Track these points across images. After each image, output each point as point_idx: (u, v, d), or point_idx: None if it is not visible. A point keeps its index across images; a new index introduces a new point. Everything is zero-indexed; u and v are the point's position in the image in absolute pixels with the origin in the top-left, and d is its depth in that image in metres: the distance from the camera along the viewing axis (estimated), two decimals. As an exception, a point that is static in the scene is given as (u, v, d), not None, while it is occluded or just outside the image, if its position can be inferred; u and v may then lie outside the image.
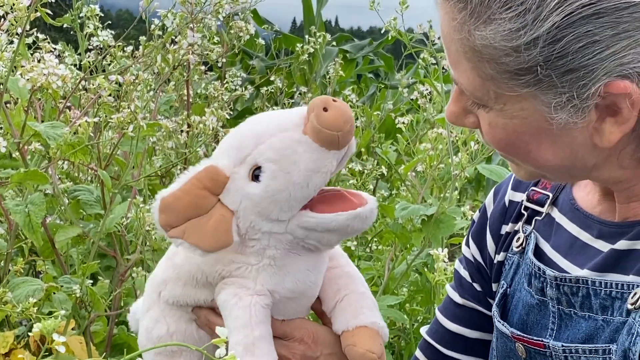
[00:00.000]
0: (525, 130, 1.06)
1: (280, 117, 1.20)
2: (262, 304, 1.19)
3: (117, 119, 1.93)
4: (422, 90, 3.22)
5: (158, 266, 1.34)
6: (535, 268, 1.22)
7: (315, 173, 1.15)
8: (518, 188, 1.33)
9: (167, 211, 1.16)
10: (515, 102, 1.04)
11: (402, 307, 2.76)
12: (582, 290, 1.15)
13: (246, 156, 1.17)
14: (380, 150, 2.97)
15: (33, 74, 1.87)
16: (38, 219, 1.96)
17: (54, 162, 1.94)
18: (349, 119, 1.16)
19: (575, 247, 1.20)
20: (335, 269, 1.31)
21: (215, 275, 1.21)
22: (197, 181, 1.17)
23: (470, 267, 1.40)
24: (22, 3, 1.81)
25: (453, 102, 1.13)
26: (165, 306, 1.29)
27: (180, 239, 1.16)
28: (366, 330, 1.25)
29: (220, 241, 1.17)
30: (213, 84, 3.48)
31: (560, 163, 1.09)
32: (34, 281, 1.98)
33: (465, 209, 2.86)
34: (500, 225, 1.34)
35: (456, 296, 1.42)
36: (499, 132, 1.08)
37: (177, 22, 2.45)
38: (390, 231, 2.60)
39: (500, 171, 2.53)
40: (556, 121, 1.03)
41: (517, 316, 1.26)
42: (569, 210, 1.24)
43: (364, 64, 7.12)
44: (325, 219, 1.17)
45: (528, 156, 1.09)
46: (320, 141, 1.14)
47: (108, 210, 2.13)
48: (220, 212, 1.17)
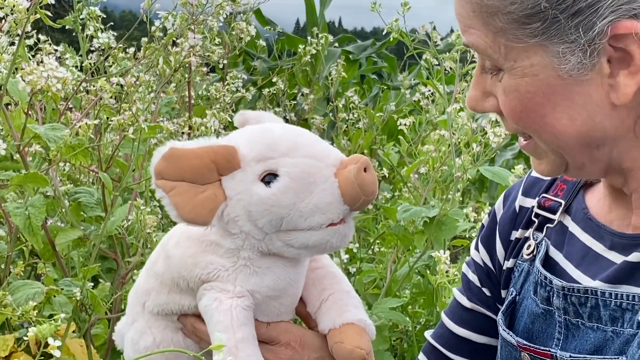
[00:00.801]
0: (538, 89, 1.05)
1: (320, 146, 1.19)
2: (242, 306, 1.18)
3: (117, 121, 1.92)
4: (425, 92, 3.21)
5: (139, 278, 1.33)
6: (542, 277, 1.20)
7: (320, 214, 1.15)
8: (529, 194, 1.31)
9: (169, 161, 1.15)
10: (525, 57, 1.03)
11: (405, 309, 2.76)
12: (590, 300, 1.13)
13: (270, 158, 1.16)
14: (382, 152, 2.95)
15: (33, 77, 1.86)
16: (38, 221, 1.95)
17: (54, 165, 1.93)
18: (377, 191, 1.18)
19: (588, 258, 1.18)
20: (318, 269, 1.30)
21: (196, 280, 1.20)
22: (212, 152, 1.16)
23: (479, 271, 1.38)
24: (21, 5, 1.80)
25: (473, 87, 1.13)
26: (150, 317, 1.29)
27: (164, 193, 1.14)
28: (353, 327, 1.24)
29: (200, 216, 1.15)
30: (215, 86, 3.47)
31: (578, 131, 1.06)
32: (34, 284, 1.97)
33: (468, 211, 2.85)
34: (510, 230, 1.32)
35: (464, 300, 1.40)
36: (513, 97, 1.07)
37: (178, 23, 2.44)
38: (392, 233, 2.59)
39: (503, 173, 2.52)
40: (567, 72, 1.02)
41: (522, 325, 1.24)
42: (582, 220, 1.22)
43: (367, 65, 7.12)
44: (305, 235, 1.16)
45: (544, 123, 1.06)
46: (345, 192, 1.14)
47: (109, 212, 2.13)
48: (215, 192, 1.16)
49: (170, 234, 1.29)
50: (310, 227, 1.15)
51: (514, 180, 2.43)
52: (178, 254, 1.23)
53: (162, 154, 1.15)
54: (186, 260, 1.21)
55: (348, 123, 3.61)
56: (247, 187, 1.16)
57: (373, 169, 1.17)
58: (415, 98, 3.27)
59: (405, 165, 2.96)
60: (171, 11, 2.54)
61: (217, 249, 1.20)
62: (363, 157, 1.17)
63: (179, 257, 1.22)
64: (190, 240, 1.23)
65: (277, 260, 1.21)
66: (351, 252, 3.02)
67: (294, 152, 1.16)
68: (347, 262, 3.00)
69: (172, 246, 1.25)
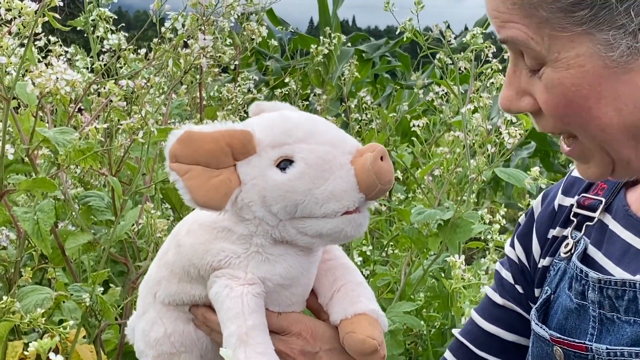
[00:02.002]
0: (583, 81, 1.02)
1: (336, 134, 1.18)
2: (254, 293, 1.16)
3: (127, 124, 1.89)
4: (438, 92, 3.17)
5: (150, 269, 1.31)
6: (578, 270, 1.18)
7: (336, 201, 1.13)
8: (568, 193, 1.30)
9: (185, 144, 1.13)
10: (570, 47, 1.01)
11: (419, 313, 2.72)
12: (628, 293, 1.11)
13: (286, 144, 1.15)
14: (396, 154, 2.92)
15: (41, 80, 1.84)
16: (47, 226, 1.93)
17: (63, 169, 1.91)
18: (393, 180, 1.17)
19: (629, 255, 1.16)
20: (330, 260, 1.28)
21: (207, 268, 1.18)
22: (228, 136, 1.15)
23: (513, 268, 1.36)
24: (29, 7, 1.78)
25: (507, 87, 1.10)
26: (162, 307, 1.27)
27: (178, 176, 1.13)
28: (365, 318, 1.22)
29: (214, 200, 1.14)
30: (227, 86, 3.45)
31: (624, 122, 1.03)
32: (43, 290, 1.96)
33: (483, 212, 2.81)
34: (547, 229, 1.30)
35: (496, 296, 1.38)
36: (557, 92, 1.04)
37: (188, 23, 2.41)
38: (406, 236, 2.55)
39: (519, 175, 2.49)
40: (615, 60, 1.00)
41: (555, 321, 1.22)
42: (623, 217, 1.20)
43: (381, 64, 7.09)
44: (319, 222, 1.14)
45: (590, 116, 1.04)
46: (362, 180, 1.13)
47: (118, 217, 2.10)
48: (229, 176, 1.15)
49: (181, 222, 1.28)
50: (325, 215, 1.14)
51: (530, 183, 2.40)
52: (189, 242, 1.21)
53: (177, 136, 1.14)
54: (197, 247, 1.19)
55: (361, 123, 3.57)
56: (262, 172, 1.14)
57: (389, 158, 1.16)
58: (428, 98, 3.23)
59: (419, 166, 2.93)
60: (181, 12, 2.52)
61: (229, 235, 1.18)
62: (380, 146, 1.15)
63: (190, 245, 1.21)
64: (202, 227, 1.21)
65: (290, 248, 1.19)
66: (364, 255, 2.98)
67: (310, 139, 1.15)
68: (360, 265, 2.97)
69: (183, 234, 1.24)
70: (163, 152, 1.25)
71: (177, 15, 2.29)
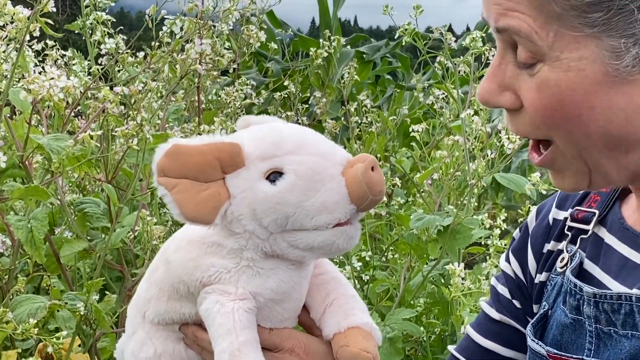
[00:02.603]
0: (580, 86, 0.99)
1: (326, 145, 1.17)
2: (245, 309, 1.14)
3: (121, 131, 1.87)
4: (438, 95, 3.15)
5: (139, 288, 1.28)
6: (572, 285, 1.16)
7: (327, 213, 1.11)
8: (562, 206, 1.27)
9: (172, 158, 1.11)
10: (574, 49, 0.98)
11: (419, 319, 2.70)
12: (624, 307, 1.08)
13: (275, 156, 1.13)
14: (395, 159, 2.90)
15: (34, 86, 1.82)
16: (40, 235, 1.91)
17: (56, 177, 1.89)
18: (384, 191, 1.15)
19: (627, 269, 1.13)
20: (322, 275, 1.26)
21: (197, 284, 1.16)
22: (216, 149, 1.13)
23: (510, 283, 1.34)
24: (21, 14, 1.76)
25: (488, 79, 1.06)
26: (151, 327, 1.24)
27: (166, 191, 1.11)
28: (359, 331, 1.20)
29: (203, 214, 1.12)
30: (225, 90, 3.42)
31: (612, 133, 1.00)
32: (37, 299, 1.93)
33: (484, 217, 2.78)
34: (542, 243, 1.28)
35: (493, 312, 1.36)
36: (549, 92, 1.00)
37: (186, 26, 2.39)
38: (405, 242, 2.53)
39: (519, 180, 2.46)
40: (617, 70, 0.97)
41: (550, 337, 1.20)
42: (619, 230, 1.17)
43: (382, 65, 7.06)
44: (310, 235, 1.13)
45: (578, 123, 1.00)
46: (353, 191, 1.11)
47: (114, 224, 2.08)
48: (218, 189, 1.13)
49: (170, 239, 1.26)
50: (316, 227, 1.12)
51: (530, 189, 2.38)
52: (178, 258, 1.19)
53: (164, 150, 1.12)
54: (187, 264, 1.17)
55: (361, 127, 3.55)
56: (251, 185, 1.12)
57: (380, 169, 1.14)
58: (429, 101, 3.21)
59: (418, 170, 2.90)
60: (179, 15, 2.50)
61: (219, 250, 1.16)
62: (370, 156, 1.13)
63: (179, 261, 1.19)
64: (191, 243, 1.19)
65: (281, 262, 1.17)
66: (364, 260, 2.96)
67: (300, 150, 1.13)
68: (360, 270, 2.94)
69: (172, 251, 1.21)
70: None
71: (174, 20, 2.26)
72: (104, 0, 2.85)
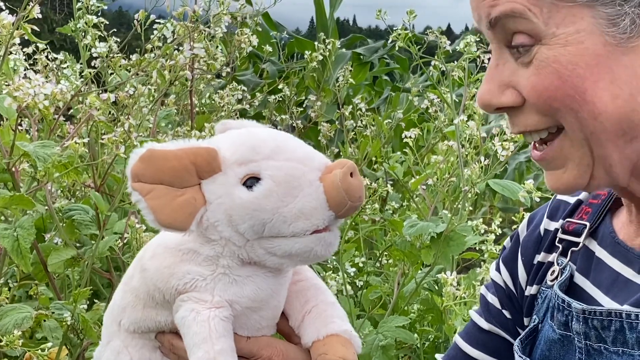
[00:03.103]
0: (581, 59, 0.98)
1: (304, 150, 1.15)
2: (221, 317, 1.12)
3: (108, 139, 1.84)
4: (433, 99, 3.12)
5: (114, 296, 1.26)
6: (559, 300, 1.14)
7: (305, 220, 1.09)
8: (554, 217, 1.26)
9: (147, 163, 1.09)
10: (570, 22, 0.97)
11: (412, 326, 2.67)
12: (615, 324, 1.07)
13: (252, 161, 1.11)
14: (388, 166, 2.87)
15: (19, 94, 1.79)
16: (27, 243, 1.88)
17: (42, 185, 1.86)
18: (363, 197, 1.13)
19: (618, 284, 1.12)
20: (301, 281, 1.24)
21: (172, 292, 1.14)
22: (192, 154, 1.11)
23: (500, 293, 1.32)
24: (5, 20, 1.73)
25: (487, 81, 1.05)
26: (127, 335, 1.22)
27: (141, 196, 1.08)
28: (338, 339, 1.18)
29: (179, 221, 1.10)
30: (219, 93, 3.39)
31: (618, 111, 0.99)
32: (23, 308, 1.91)
33: (478, 222, 2.76)
34: (533, 254, 1.26)
35: (482, 321, 1.34)
36: (550, 72, 0.99)
37: (178, 30, 2.37)
38: (398, 250, 2.50)
39: (513, 187, 2.44)
40: (615, 37, 0.97)
41: (538, 352, 1.18)
42: (610, 244, 1.16)
43: (379, 66, 7.04)
44: (288, 242, 1.10)
45: (583, 100, 0.99)
46: (331, 197, 1.09)
47: (102, 231, 2.05)
48: (194, 195, 1.11)
49: (146, 246, 1.24)
50: (294, 234, 1.10)
51: (524, 196, 2.35)
52: (154, 265, 1.17)
53: (139, 155, 1.09)
54: (162, 271, 1.15)
55: (356, 130, 3.53)
56: (228, 191, 1.10)
57: (359, 174, 1.12)
58: (423, 106, 3.18)
59: (412, 175, 2.88)
60: (169, 19, 2.47)
61: (195, 257, 1.14)
62: (349, 162, 1.12)
63: (155, 268, 1.16)
64: (166, 250, 1.17)
65: (258, 269, 1.15)
66: (357, 266, 2.93)
67: (277, 155, 1.12)
68: (353, 276, 2.92)
69: (147, 258, 1.19)
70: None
71: (164, 24, 2.23)
72: (96, 3, 2.82)
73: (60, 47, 10.93)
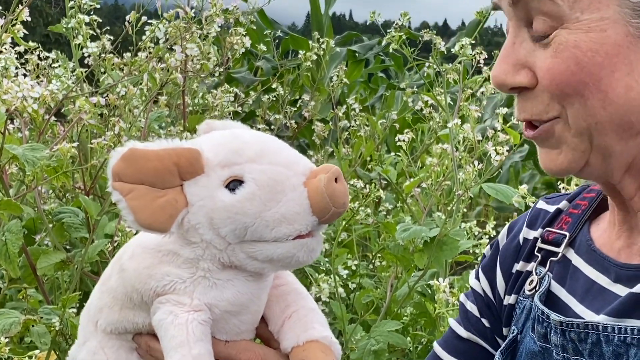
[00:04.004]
0: (602, 47, 0.97)
1: (289, 154, 1.13)
2: (199, 320, 1.10)
3: (98, 144, 1.82)
4: (428, 101, 3.10)
5: (92, 296, 1.24)
6: (539, 312, 1.13)
7: (287, 224, 1.08)
8: (533, 226, 1.25)
9: (128, 162, 1.07)
10: (596, 9, 0.96)
11: (405, 329, 2.65)
12: (591, 336, 1.05)
13: (235, 164, 1.10)
14: (381, 169, 2.85)
15: (8, 97, 1.77)
16: (15, 248, 1.86)
17: (31, 190, 1.84)
18: (347, 203, 1.12)
19: (593, 292, 1.11)
20: (282, 286, 1.23)
21: (151, 293, 1.12)
22: (175, 154, 1.09)
23: (479, 301, 1.31)
24: (-6, 23, 1.71)
25: (502, 60, 1.04)
26: (103, 336, 1.21)
27: (121, 196, 1.07)
28: (317, 345, 1.17)
29: (159, 222, 1.08)
30: (212, 92, 3.37)
31: (629, 103, 0.98)
32: (11, 313, 1.88)
33: (472, 224, 2.74)
34: (512, 263, 1.25)
35: (460, 329, 1.33)
36: (567, 55, 0.98)
37: (171, 31, 2.34)
38: (391, 254, 2.49)
39: (507, 191, 2.42)
40: (639, 29, 0.96)
41: None
42: (586, 252, 1.15)
43: (375, 63, 7.03)
44: (270, 247, 1.09)
45: (597, 88, 0.98)
46: (315, 203, 1.08)
47: (91, 235, 2.03)
48: (175, 196, 1.09)
49: (125, 246, 1.22)
50: (276, 239, 1.09)
51: (518, 201, 2.34)
52: (132, 266, 1.15)
53: (120, 154, 1.08)
54: (141, 272, 1.13)
55: (349, 130, 3.51)
56: (210, 193, 1.09)
57: (344, 180, 1.11)
58: (417, 107, 3.16)
59: (406, 176, 2.86)
60: (162, 19, 2.45)
61: (174, 258, 1.13)
62: (334, 167, 1.10)
63: (133, 269, 1.15)
64: (146, 251, 1.15)
65: (239, 273, 1.14)
66: (350, 268, 2.92)
67: (261, 159, 1.10)
68: (346, 278, 2.90)
69: (126, 259, 1.17)
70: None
71: (155, 26, 2.20)
72: (89, 2, 2.80)
73: (55, 40, 10.89)
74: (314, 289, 2.73)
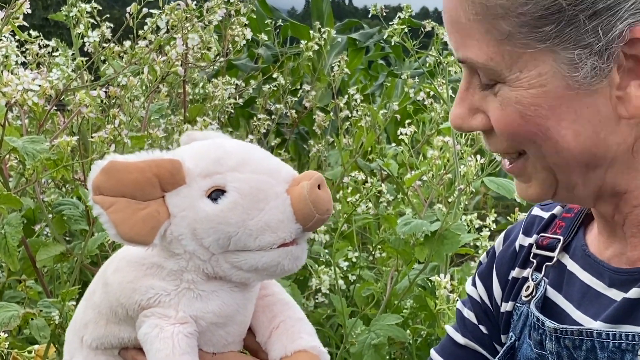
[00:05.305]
0: (544, 101, 0.98)
1: (271, 162, 1.13)
2: (185, 333, 1.10)
3: (98, 137, 1.80)
4: (428, 91, 3.09)
5: (77, 311, 1.25)
6: (535, 319, 1.14)
7: (271, 233, 1.08)
8: (528, 232, 1.25)
9: (109, 175, 1.06)
10: (532, 66, 0.97)
11: (405, 323, 2.65)
12: (586, 343, 1.06)
13: (217, 173, 1.09)
14: (382, 162, 2.84)
15: (8, 89, 1.76)
16: (14, 241, 1.86)
17: (31, 184, 1.83)
18: (331, 210, 1.12)
19: (588, 297, 1.11)
20: (268, 296, 1.24)
21: (135, 307, 1.12)
22: (155, 166, 1.09)
23: (476, 308, 1.32)
24: (-7, 16, 1.69)
25: (458, 104, 1.05)
26: (89, 352, 1.20)
27: (102, 210, 1.06)
28: (306, 355, 1.18)
29: (141, 235, 1.08)
30: (213, 82, 3.36)
31: (581, 147, 0.99)
32: (10, 307, 1.88)
33: (472, 217, 2.73)
34: (508, 270, 1.26)
35: (458, 336, 1.33)
36: (513, 110, 0.99)
37: (172, 22, 2.33)
38: (391, 247, 2.48)
39: (509, 185, 2.41)
40: (578, 81, 0.96)
41: None
42: (581, 257, 1.15)
43: (375, 51, 6.99)
44: (254, 256, 1.09)
45: (546, 137, 0.99)
46: (298, 210, 1.08)
47: (91, 228, 2.02)
48: (157, 208, 1.09)
49: (109, 260, 1.22)
50: (260, 247, 1.09)
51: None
52: (117, 280, 1.15)
53: (100, 167, 1.07)
54: (125, 286, 1.13)
55: (350, 121, 3.49)
56: (192, 204, 1.09)
57: (327, 186, 1.11)
58: (419, 98, 3.15)
59: (407, 168, 2.85)
60: (164, 9, 2.43)
61: (158, 271, 1.12)
62: (317, 174, 1.11)
63: (118, 283, 1.14)
64: (130, 264, 1.15)
65: (224, 284, 1.13)
66: (350, 260, 2.91)
67: (243, 167, 1.10)
68: (346, 270, 2.89)
69: (110, 273, 1.17)
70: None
71: (155, 19, 2.19)
72: (89, -10, 2.78)
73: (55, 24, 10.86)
74: (314, 281, 2.73)
